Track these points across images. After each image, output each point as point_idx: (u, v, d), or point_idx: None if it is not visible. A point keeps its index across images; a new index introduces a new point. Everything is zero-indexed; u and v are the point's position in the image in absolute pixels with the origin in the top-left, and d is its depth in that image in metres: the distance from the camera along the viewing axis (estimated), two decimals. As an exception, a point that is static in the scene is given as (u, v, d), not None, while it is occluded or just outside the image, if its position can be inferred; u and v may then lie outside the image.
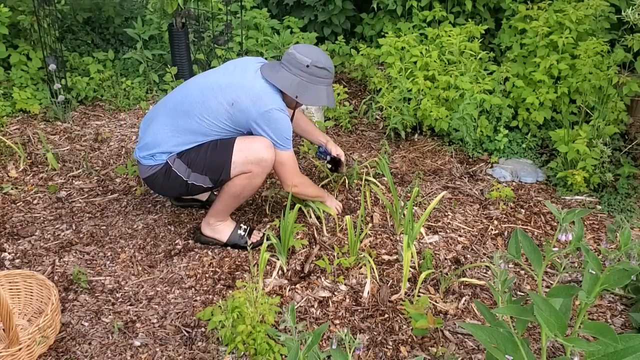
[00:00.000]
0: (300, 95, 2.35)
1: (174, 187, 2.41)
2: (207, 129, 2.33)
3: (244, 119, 2.30)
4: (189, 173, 2.35)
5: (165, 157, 2.36)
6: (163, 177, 2.38)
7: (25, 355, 1.92)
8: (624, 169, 2.94)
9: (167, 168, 2.36)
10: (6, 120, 3.52)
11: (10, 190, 2.92)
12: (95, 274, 2.40)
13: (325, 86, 2.40)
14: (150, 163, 2.38)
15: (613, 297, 2.34)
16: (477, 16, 4.03)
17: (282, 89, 2.33)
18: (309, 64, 2.33)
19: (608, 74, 3.06)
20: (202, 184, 2.37)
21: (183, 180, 2.36)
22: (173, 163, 2.35)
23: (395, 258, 2.52)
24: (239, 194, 2.40)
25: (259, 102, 2.28)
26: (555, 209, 1.59)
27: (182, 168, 2.35)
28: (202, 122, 2.32)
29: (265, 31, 4.17)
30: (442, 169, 3.21)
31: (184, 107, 2.35)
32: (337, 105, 3.60)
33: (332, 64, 2.41)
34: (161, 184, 2.41)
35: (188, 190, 2.42)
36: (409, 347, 2.08)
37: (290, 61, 2.35)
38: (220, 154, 2.33)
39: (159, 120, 2.41)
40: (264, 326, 1.90)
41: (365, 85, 4.14)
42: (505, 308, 1.53)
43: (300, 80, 2.34)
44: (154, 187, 2.48)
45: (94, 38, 4.33)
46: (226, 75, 2.40)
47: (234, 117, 2.31)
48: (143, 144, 2.41)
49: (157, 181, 2.40)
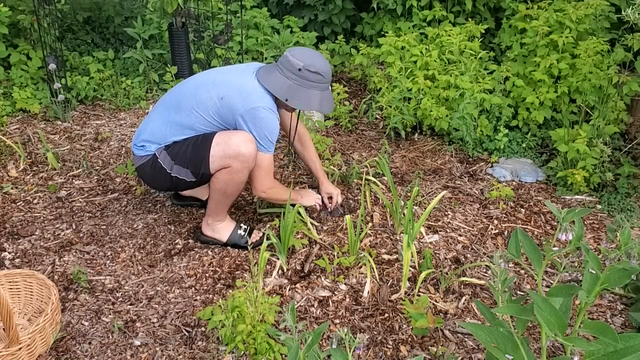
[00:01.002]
0: (290, 99, 2.32)
1: (159, 179, 2.42)
2: (195, 122, 2.33)
3: (231, 114, 2.30)
4: (172, 165, 2.36)
5: (154, 149, 2.39)
6: (150, 168, 2.40)
7: (25, 354, 1.92)
8: (624, 168, 2.94)
9: (154, 160, 2.38)
10: (6, 120, 3.52)
11: (11, 190, 2.92)
12: (95, 274, 2.40)
13: (319, 91, 2.35)
14: (140, 153, 2.42)
15: (613, 297, 2.34)
16: (477, 15, 4.03)
17: (272, 91, 2.31)
18: (301, 67, 2.30)
19: (608, 73, 3.06)
20: (185, 177, 2.37)
21: (167, 172, 2.37)
22: (160, 155, 2.38)
23: (395, 257, 2.52)
24: (224, 190, 2.38)
25: (247, 99, 2.28)
26: (555, 209, 1.59)
27: (167, 160, 2.37)
28: (191, 115, 2.33)
29: (265, 31, 4.17)
30: (442, 168, 3.21)
31: (177, 99, 2.39)
32: (337, 105, 3.59)
33: (328, 68, 2.36)
34: (149, 175, 2.44)
35: (174, 184, 2.42)
36: (409, 347, 2.08)
37: (284, 64, 2.33)
38: (200, 147, 2.33)
39: (155, 111, 2.45)
40: (264, 325, 1.90)
41: (365, 85, 4.14)
42: (505, 307, 1.53)
43: (292, 83, 2.32)
44: (143, 178, 2.50)
45: (94, 37, 4.33)
46: (224, 73, 2.43)
47: (221, 111, 2.31)
48: (137, 134, 2.46)
49: (145, 172, 2.44)
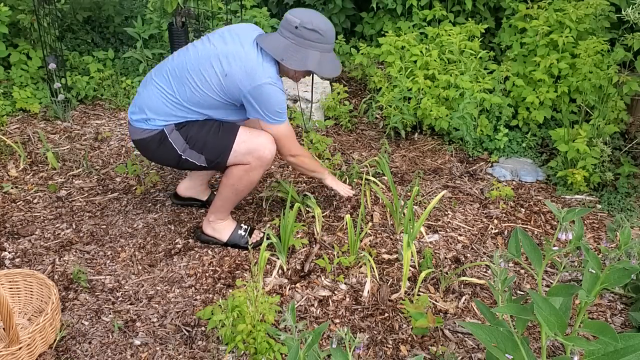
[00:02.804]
0: (285, 59, 2.23)
1: (164, 157, 2.37)
2: (200, 98, 2.26)
3: (236, 91, 2.23)
4: (185, 148, 2.31)
5: (161, 125, 2.30)
6: (157, 144, 2.33)
7: (25, 354, 1.92)
8: (624, 168, 2.95)
9: (163, 136, 2.31)
10: (6, 120, 3.52)
11: (11, 190, 2.92)
12: (96, 273, 2.40)
13: (318, 51, 2.24)
14: (142, 126, 2.33)
15: (613, 296, 2.34)
16: (477, 15, 4.02)
17: (268, 50, 2.22)
18: (297, 24, 2.19)
19: (608, 73, 3.06)
20: (195, 161, 2.34)
21: (177, 153, 2.32)
22: (170, 134, 2.31)
23: (395, 257, 2.52)
24: (236, 186, 2.37)
25: (252, 75, 2.20)
26: (555, 208, 1.59)
27: (180, 141, 2.31)
28: (195, 91, 2.25)
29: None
30: (442, 168, 3.21)
31: (180, 72, 2.29)
32: (337, 104, 3.59)
33: (328, 27, 2.24)
34: (153, 150, 2.36)
35: (178, 164, 2.38)
36: (409, 346, 2.08)
37: (283, 24, 2.25)
38: (223, 138, 2.30)
39: (154, 83, 2.34)
40: (264, 325, 1.90)
41: (365, 85, 4.14)
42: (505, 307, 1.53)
43: (289, 42, 2.23)
44: (145, 152, 2.41)
45: (94, 37, 4.32)
46: (224, 43, 2.29)
47: (226, 88, 2.24)
48: (137, 107, 2.35)
49: (149, 146, 2.35)
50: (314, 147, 3.05)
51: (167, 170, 3.13)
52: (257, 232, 2.60)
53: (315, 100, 3.56)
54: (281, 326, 1.42)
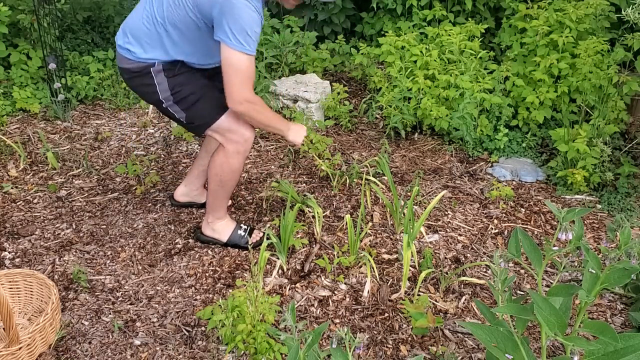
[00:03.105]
0: None
1: (146, 96, 2.33)
2: (174, 14, 2.12)
3: (209, 5, 2.05)
4: (170, 100, 2.26)
5: (144, 58, 2.22)
6: (140, 80, 2.26)
7: (25, 354, 1.92)
8: (624, 168, 2.95)
9: (148, 74, 2.24)
10: (6, 120, 3.52)
11: (11, 190, 2.92)
12: (96, 273, 2.40)
13: None
14: (126, 55, 2.26)
15: (613, 296, 2.34)
16: (477, 15, 4.03)
17: None
18: None
19: (608, 73, 3.06)
20: (174, 113, 2.30)
21: (159, 97, 2.26)
22: (157, 75, 2.23)
23: (395, 257, 2.52)
24: (220, 176, 2.34)
25: None
26: (555, 208, 1.59)
27: (165, 89, 2.24)
28: (169, 8, 2.13)
29: (265, 30, 4.17)
30: (442, 168, 3.21)
31: None
32: (337, 105, 3.59)
33: None
34: (135, 84, 2.31)
35: (161, 108, 2.32)
36: (409, 346, 2.08)
37: None
38: (212, 107, 2.26)
39: (139, 6, 2.27)
40: (264, 325, 1.90)
41: (365, 85, 4.14)
42: (505, 307, 1.53)
43: None
44: (128, 82, 2.35)
45: (94, 37, 4.32)
46: None
47: (200, 3, 2.07)
48: (122, 29, 2.27)
49: (132, 80, 2.29)
50: (314, 147, 3.05)
51: (167, 170, 3.13)
52: (257, 232, 2.60)
53: (315, 100, 3.56)
54: (281, 326, 1.42)
